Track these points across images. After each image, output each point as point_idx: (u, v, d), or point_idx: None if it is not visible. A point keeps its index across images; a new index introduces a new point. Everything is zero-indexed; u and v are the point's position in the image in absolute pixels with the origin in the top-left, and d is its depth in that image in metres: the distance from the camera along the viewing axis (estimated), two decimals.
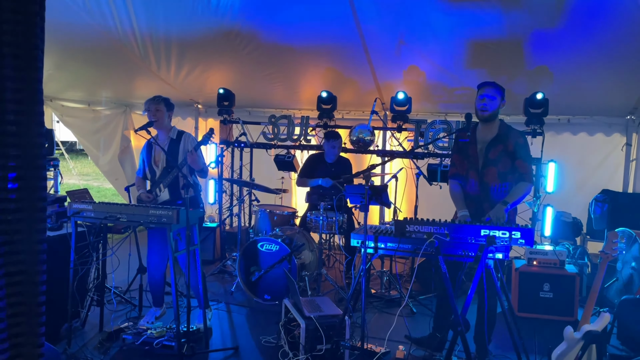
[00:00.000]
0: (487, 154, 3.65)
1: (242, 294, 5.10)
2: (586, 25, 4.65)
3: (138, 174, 4.47)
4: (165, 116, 4.25)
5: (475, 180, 3.68)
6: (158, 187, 4.22)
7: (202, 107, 7.71)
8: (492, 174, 3.62)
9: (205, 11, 5.22)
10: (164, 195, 4.24)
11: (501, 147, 3.62)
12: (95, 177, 15.44)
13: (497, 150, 3.62)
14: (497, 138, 3.65)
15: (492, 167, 3.62)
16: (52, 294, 3.76)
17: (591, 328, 3.09)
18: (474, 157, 3.70)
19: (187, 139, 4.31)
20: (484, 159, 3.65)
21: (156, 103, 4.23)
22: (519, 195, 3.57)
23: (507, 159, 3.61)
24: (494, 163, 3.62)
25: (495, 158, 3.62)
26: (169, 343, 3.69)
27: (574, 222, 5.69)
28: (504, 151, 3.61)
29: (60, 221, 4.19)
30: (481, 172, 3.66)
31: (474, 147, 3.72)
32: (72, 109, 8.04)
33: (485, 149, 3.66)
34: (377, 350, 3.76)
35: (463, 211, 3.65)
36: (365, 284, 3.35)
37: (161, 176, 4.25)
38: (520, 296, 4.71)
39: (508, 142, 3.62)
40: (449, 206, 3.97)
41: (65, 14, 5.37)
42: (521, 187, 3.59)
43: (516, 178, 3.63)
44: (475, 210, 3.67)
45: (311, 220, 5.30)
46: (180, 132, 4.35)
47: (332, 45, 5.65)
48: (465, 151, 3.76)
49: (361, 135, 5.94)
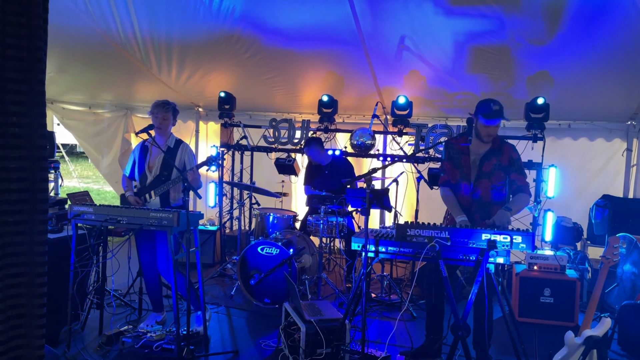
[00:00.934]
0: (480, 167, 3.64)
1: (242, 298, 5.09)
2: (587, 31, 4.66)
3: (125, 174, 4.34)
4: (170, 125, 4.21)
5: (467, 192, 3.67)
6: (148, 194, 4.14)
7: (203, 111, 7.71)
8: (485, 186, 3.63)
9: (206, 15, 5.24)
10: (155, 202, 4.15)
11: (495, 160, 3.62)
12: (96, 180, 15.44)
13: (491, 164, 3.62)
14: (491, 151, 3.65)
15: (485, 180, 3.62)
16: (52, 297, 3.77)
17: (592, 333, 3.08)
18: (466, 168, 3.69)
19: (185, 150, 4.25)
20: (478, 171, 3.65)
21: (164, 111, 4.13)
22: (520, 206, 3.59)
23: (501, 172, 3.62)
24: (487, 176, 3.62)
25: (489, 171, 3.62)
26: (168, 346, 3.67)
27: (574, 227, 5.69)
28: (498, 164, 3.62)
29: (60, 223, 4.18)
30: (474, 184, 3.66)
31: (466, 158, 3.70)
32: (73, 112, 8.05)
33: (479, 161, 3.65)
34: (378, 355, 3.75)
35: (462, 216, 3.62)
36: (365, 288, 3.34)
37: (154, 183, 4.15)
38: (521, 301, 4.70)
39: (502, 157, 3.63)
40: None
41: (67, 17, 5.39)
42: (522, 199, 3.60)
43: (514, 190, 3.64)
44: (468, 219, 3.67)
45: (312, 224, 5.30)
46: (178, 140, 4.28)
47: (333, 50, 5.67)
48: (457, 161, 3.73)
49: (362, 139, 5.94)
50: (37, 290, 1.66)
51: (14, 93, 1.57)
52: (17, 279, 1.61)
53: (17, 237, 1.61)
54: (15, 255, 1.61)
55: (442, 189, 3.83)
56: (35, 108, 1.63)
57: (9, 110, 1.58)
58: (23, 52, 1.60)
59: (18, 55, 1.58)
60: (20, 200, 1.61)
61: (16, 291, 1.61)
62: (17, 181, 1.59)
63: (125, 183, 4.33)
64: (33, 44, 1.61)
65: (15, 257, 1.61)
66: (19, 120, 1.60)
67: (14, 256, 1.60)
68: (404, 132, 5.89)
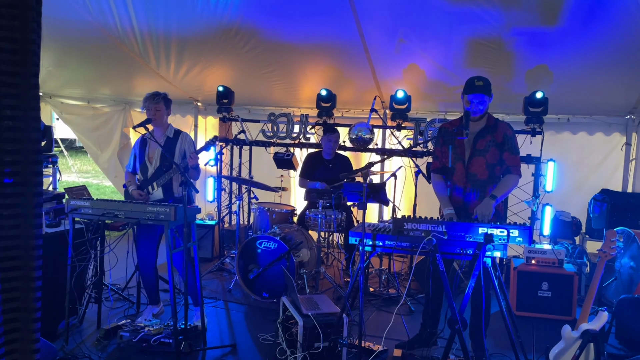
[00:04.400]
0: (474, 145, 3.62)
1: (241, 292, 5.10)
2: (586, 25, 4.64)
3: (128, 169, 4.40)
4: (164, 114, 4.20)
5: (461, 172, 3.65)
6: (151, 185, 4.17)
7: (201, 105, 7.70)
8: (480, 164, 3.60)
9: (204, 8, 5.21)
10: (158, 193, 4.19)
11: (489, 137, 3.60)
12: (95, 175, 15.43)
13: (485, 141, 3.60)
14: (486, 129, 3.63)
15: (479, 158, 3.60)
16: (50, 291, 3.79)
17: (589, 327, 3.09)
18: (460, 147, 3.67)
19: (185, 139, 4.27)
20: (472, 149, 3.63)
21: (155, 102, 4.14)
22: (507, 188, 3.58)
23: (496, 149, 3.59)
24: (481, 154, 3.60)
25: (483, 148, 3.60)
26: (166, 340, 3.69)
27: (573, 221, 5.69)
28: (492, 142, 3.59)
29: (58, 218, 4.18)
30: (468, 163, 3.63)
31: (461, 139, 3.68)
32: (71, 106, 8.04)
33: (473, 140, 3.63)
34: (375, 349, 3.76)
35: (448, 209, 3.62)
36: (363, 282, 3.35)
37: (155, 174, 4.19)
38: (519, 295, 4.71)
39: (497, 133, 3.61)
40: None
41: (64, 11, 5.37)
42: (509, 180, 3.60)
43: (504, 170, 3.62)
44: (460, 208, 3.67)
45: (310, 218, 5.30)
46: (177, 130, 4.30)
47: (331, 44, 5.65)
48: (452, 141, 3.69)
49: (360, 133, 5.93)
50: (32, 284, 1.65)
51: (7, 86, 1.56)
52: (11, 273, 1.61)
53: (11, 231, 1.60)
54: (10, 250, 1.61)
55: (434, 177, 3.82)
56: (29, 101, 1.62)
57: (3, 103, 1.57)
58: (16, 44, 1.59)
59: (11, 48, 1.57)
60: (14, 194, 1.61)
61: (10, 285, 1.61)
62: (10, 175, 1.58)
63: (127, 178, 4.37)
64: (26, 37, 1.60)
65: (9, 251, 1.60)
66: (13, 114, 1.59)
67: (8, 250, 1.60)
68: (402, 127, 5.88)
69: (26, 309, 1.64)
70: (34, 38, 1.63)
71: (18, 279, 1.63)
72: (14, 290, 1.63)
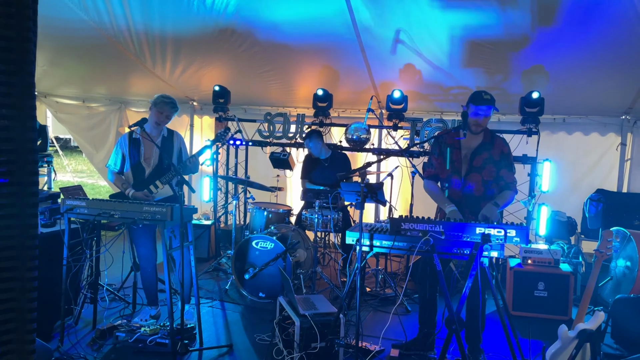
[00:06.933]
0: (471, 161, 3.63)
1: (237, 292, 5.08)
2: (582, 25, 4.66)
3: (113, 169, 4.20)
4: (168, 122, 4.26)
5: (457, 187, 3.66)
6: (152, 184, 4.16)
7: (197, 105, 7.68)
8: (476, 181, 3.62)
9: (200, 8, 5.20)
10: (166, 191, 4.17)
11: (486, 154, 3.61)
12: (90, 175, 15.37)
13: (482, 158, 3.61)
14: (483, 145, 3.64)
15: (476, 174, 3.62)
16: (45, 291, 3.76)
17: (585, 327, 3.09)
18: (457, 162, 3.67)
19: (179, 138, 4.37)
20: (469, 165, 3.64)
21: (172, 111, 4.18)
22: (506, 200, 3.61)
23: (492, 166, 3.61)
24: (478, 170, 3.61)
25: (480, 165, 3.61)
26: (162, 340, 3.67)
27: (568, 221, 5.70)
28: (490, 159, 3.61)
29: (53, 218, 4.16)
30: (465, 178, 3.65)
31: (457, 152, 3.68)
32: (66, 106, 8.00)
33: (470, 156, 3.64)
34: (372, 349, 3.76)
35: (451, 206, 3.59)
36: (360, 282, 3.34)
37: (156, 174, 4.17)
38: (515, 295, 4.71)
39: (493, 150, 3.62)
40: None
41: (60, 10, 5.34)
42: (508, 194, 3.62)
43: (501, 186, 3.64)
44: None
45: (306, 218, 5.30)
46: (170, 130, 4.34)
47: (328, 44, 5.64)
48: (448, 155, 3.70)
49: (357, 133, 5.93)
50: (28, 284, 1.64)
51: (2, 85, 1.55)
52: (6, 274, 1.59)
53: (6, 232, 1.59)
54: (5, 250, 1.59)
55: (427, 182, 3.82)
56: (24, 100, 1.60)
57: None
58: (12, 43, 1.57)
59: (6, 46, 1.56)
60: (9, 194, 1.59)
61: (6, 286, 1.59)
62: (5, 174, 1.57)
63: (114, 178, 4.22)
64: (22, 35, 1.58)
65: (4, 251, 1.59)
66: (8, 113, 1.58)
67: (4, 251, 1.59)
68: (399, 127, 5.88)
69: (22, 309, 1.62)
70: (30, 36, 1.61)
71: (14, 279, 1.61)
72: (10, 290, 1.61)
